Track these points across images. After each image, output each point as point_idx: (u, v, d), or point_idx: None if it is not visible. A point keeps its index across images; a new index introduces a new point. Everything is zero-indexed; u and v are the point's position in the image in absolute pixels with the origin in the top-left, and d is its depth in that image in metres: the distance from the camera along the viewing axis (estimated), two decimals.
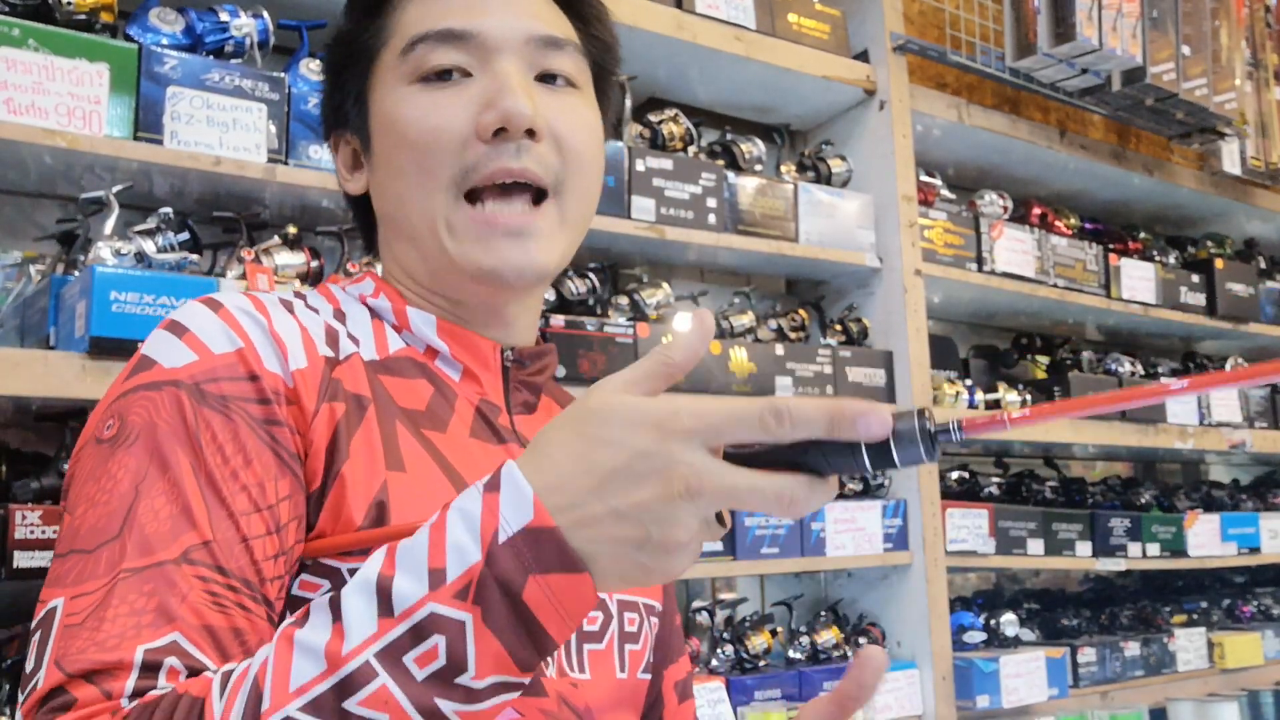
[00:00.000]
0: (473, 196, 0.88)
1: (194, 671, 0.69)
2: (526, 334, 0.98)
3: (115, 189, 1.57)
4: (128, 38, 1.64)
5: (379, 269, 1.01)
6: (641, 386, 0.64)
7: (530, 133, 0.87)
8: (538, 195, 0.89)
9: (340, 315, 0.91)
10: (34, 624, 0.72)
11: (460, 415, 0.89)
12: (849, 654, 2.37)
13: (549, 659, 0.82)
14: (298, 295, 0.91)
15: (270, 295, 0.87)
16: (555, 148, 0.89)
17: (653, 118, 2.27)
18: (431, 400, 0.89)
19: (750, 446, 0.63)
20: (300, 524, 0.78)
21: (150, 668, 0.68)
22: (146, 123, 1.58)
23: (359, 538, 0.78)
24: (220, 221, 1.73)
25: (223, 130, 1.64)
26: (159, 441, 0.74)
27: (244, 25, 1.72)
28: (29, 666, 0.70)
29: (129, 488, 0.73)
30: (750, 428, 0.60)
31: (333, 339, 0.86)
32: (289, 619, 0.67)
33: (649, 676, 0.98)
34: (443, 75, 0.89)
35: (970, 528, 2.56)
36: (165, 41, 1.66)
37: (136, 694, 0.67)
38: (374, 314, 0.93)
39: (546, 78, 0.91)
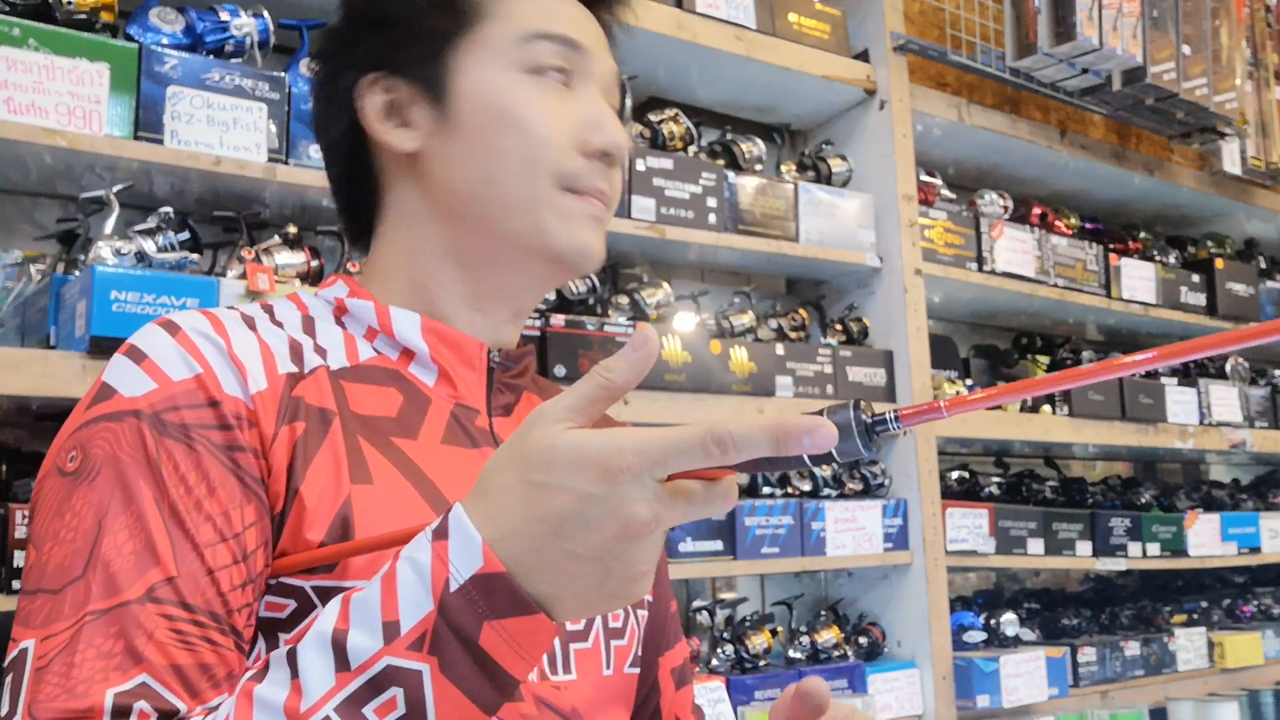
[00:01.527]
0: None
1: (164, 714, 0.69)
2: (513, 335, 0.98)
3: (115, 188, 1.57)
4: (128, 37, 1.64)
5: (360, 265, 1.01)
6: (582, 413, 0.64)
7: (612, 159, 0.94)
8: None
9: (309, 326, 0.90)
10: (6, 663, 0.72)
11: (432, 421, 0.89)
12: (849, 654, 2.37)
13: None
14: (264, 308, 0.90)
15: (231, 312, 0.86)
16: (619, 173, 0.97)
17: (653, 117, 2.27)
18: (402, 407, 0.88)
19: None
20: (267, 549, 0.78)
21: (121, 712, 0.68)
22: (147, 122, 1.58)
23: (321, 554, 0.77)
24: (220, 221, 1.73)
25: (223, 130, 1.64)
26: (122, 475, 0.74)
27: (244, 25, 1.71)
28: (3, 708, 0.70)
29: (92, 524, 0.73)
30: (694, 457, 0.60)
31: (297, 353, 0.85)
32: (248, 673, 0.67)
33: (638, 670, 0.98)
34: (547, 72, 0.92)
35: (970, 527, 2.56)
36: (165, 41, 1.66)
37: None
38: (342, 324, 0.92)
39: None
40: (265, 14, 1.74)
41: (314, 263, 1.72)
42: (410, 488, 0.83)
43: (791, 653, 2.34)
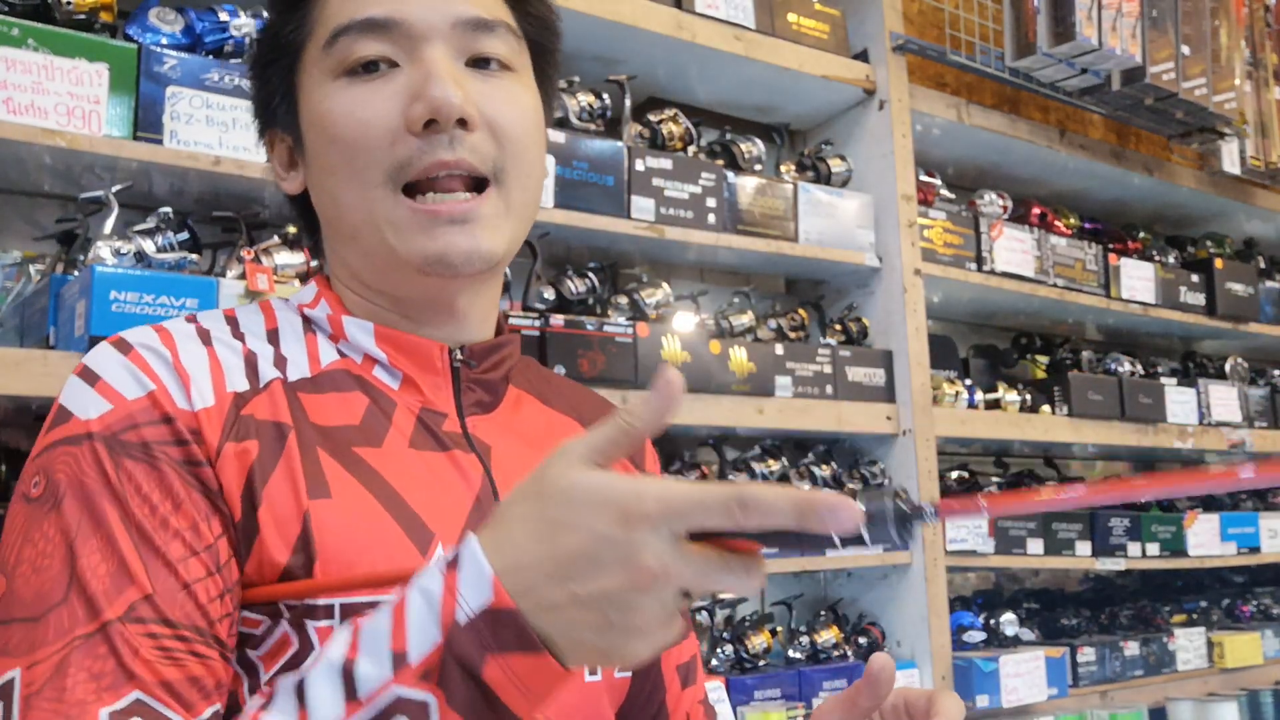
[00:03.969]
0: (410, 190, 0.85)
1: None
2: (481, 328, 0.95)
3: (115, 189, 1.57)
4: (127, 37, 1.64)
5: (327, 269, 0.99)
6: (604, 454, 0.63)
7: (462, 122, 0.84)
8: (478, 184, 0.86)
9: (274, 335, 0.88)
10: None
11: (399, 426, 0.87)
12: (849, 654, 2.38)
13: None
14: (229, 318, 0.89)
15: (186, 326, 0.85)
16: (490, 135, 0.86)
17: (652, 117, 2.27)
18: (366, 413, 0.86)
19: None
20: (238, 559, 0.77)
21: None
22: (146, 122, 1.58)
23: (283, 590, 0.77)
24: (220, 221, 1.73)
25: (222, 130, 1.64)
26: (87, 498, 0.74)
27: (243, 25, 1.71)
28: None
29: (65, 549, 0.72)
30: (715, 516, 0.58)
31: (252, 367, 0.84)
32: (255, 701, 0.67)
33: (628, 674, 0.96)
34: (369, 67, 0.85)
35: (970, 527, 2.56)
36: (165, 41, 1.66)
37: None
38: (310, 325, 0.91)
39: (479, 62, 0.88)
40: (264, 14, 1.73)
41: (313, 263, 1.72)
42: (371, 498, 0.81)
43: (791, 653, 2.34)
